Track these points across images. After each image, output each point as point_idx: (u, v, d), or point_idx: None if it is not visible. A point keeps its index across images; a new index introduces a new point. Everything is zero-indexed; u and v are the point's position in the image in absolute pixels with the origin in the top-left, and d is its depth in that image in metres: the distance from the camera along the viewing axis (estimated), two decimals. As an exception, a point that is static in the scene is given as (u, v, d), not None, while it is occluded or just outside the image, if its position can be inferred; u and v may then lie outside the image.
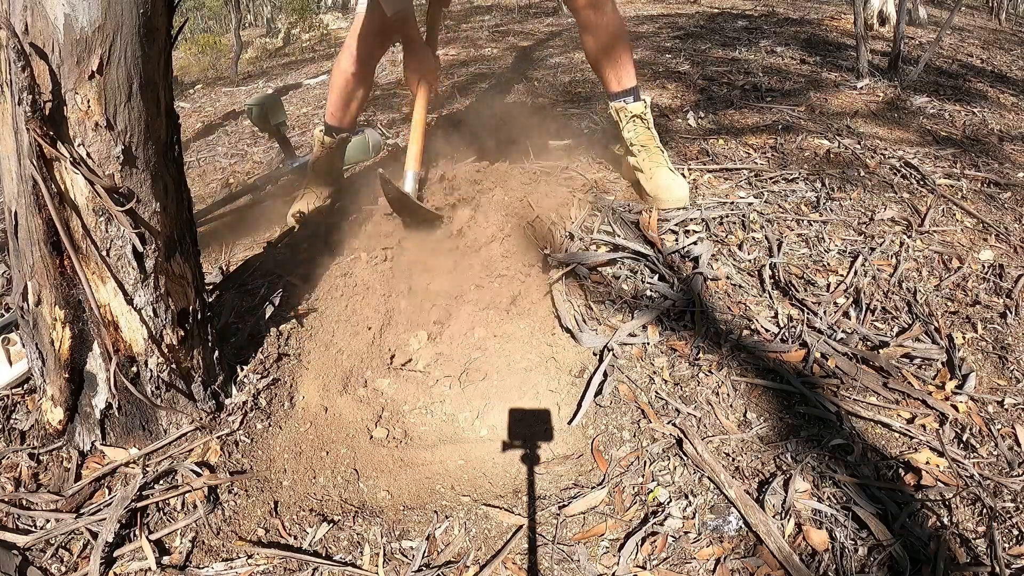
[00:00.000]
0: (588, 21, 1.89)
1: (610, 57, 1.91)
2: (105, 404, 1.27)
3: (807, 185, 2.11)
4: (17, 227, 1.14)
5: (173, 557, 1.12)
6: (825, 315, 1.53)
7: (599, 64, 1.95)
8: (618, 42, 1.90)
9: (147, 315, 1.21)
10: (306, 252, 1.87)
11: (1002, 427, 1.26)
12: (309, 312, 1.62)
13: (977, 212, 1.97)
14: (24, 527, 1.17)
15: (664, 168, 1.94)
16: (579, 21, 1.92)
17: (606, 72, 1.95)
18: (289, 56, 7.12)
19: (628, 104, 1.95)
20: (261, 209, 2.39)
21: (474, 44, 5.01)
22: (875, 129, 2.64)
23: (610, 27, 1.88)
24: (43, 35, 1.00)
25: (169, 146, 1.21)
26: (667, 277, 1.64)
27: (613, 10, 1.88)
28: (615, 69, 1.93)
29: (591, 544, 1.11)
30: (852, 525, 1.08)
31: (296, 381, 1.46)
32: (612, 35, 1.89)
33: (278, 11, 11.98)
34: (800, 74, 3.45)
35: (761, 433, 1.27)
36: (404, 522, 1.17)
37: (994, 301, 1.60)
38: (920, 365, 1.41)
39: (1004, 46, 4.73)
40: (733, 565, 1.04)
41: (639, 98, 1.96)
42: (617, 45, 1.90)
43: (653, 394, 1.37)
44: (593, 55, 1.95)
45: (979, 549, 1.04)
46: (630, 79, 1.94)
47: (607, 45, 1.89)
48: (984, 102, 3.08)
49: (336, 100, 2.15)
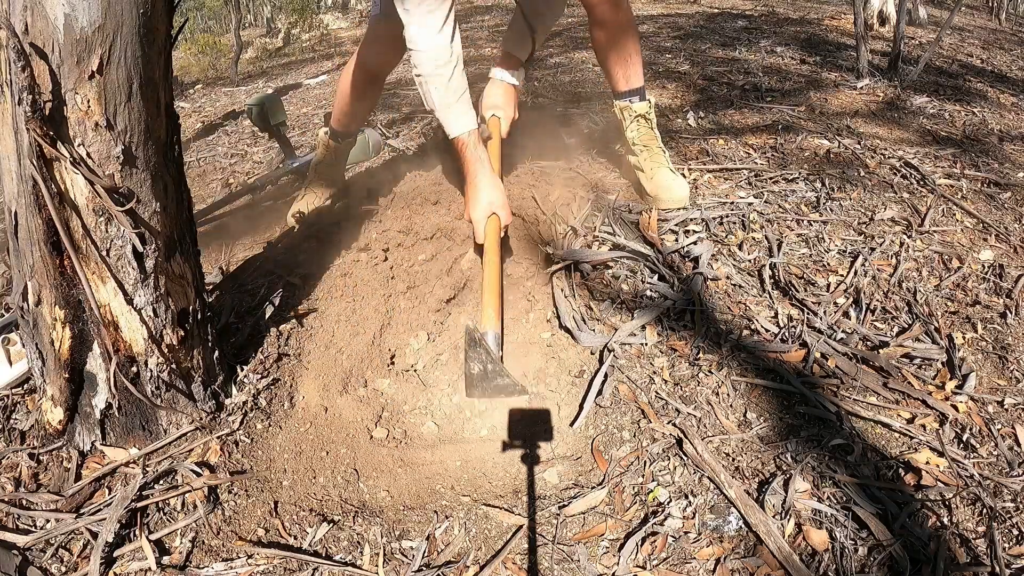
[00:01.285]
0: (604, 16, 1.83)
1: (620, 55, 1.88)
2: (105, 404, 1.27)
3: (807, 185, 2.11)
4: (17, 227, 1.14)
5: (173, 557, 1.12)
6: (825, 315, 1.53)
7: (608, 61, 1.91)
8: (629, 40, 1.87)
9: (147, 315, 1.21)
10: (306, 252, 1.87)
11: (1002, 427, 1.26)
12: (309, 312, 1.62)
13: (977, 212, 1.97)
14: (24, 527, 1.17)
15: (665, 168, 1.94)
16: (594, 16, 1.85)
17: (615, 69, 1.91)
18: (289, 56, 7.12)
19: (633, 104, 1.94)
20: (261, 209, 2.40)
21: (474, 44, 5.01)
22: (875, 129, 2.64)
23: (624, 24, 1.84)
24: (43, 35, 1.00)
25: (169, 146, 1.21)
26: (667, 277, 1.64)
27: (628, 7, 1.84)
28: (624, 67, 1.90)
29: (591, 544, 1.11)
30: (852, 525, 1.08)
31: (296, 381, 1.46)
32: (625, 32, 1.85)
33: (278, 11, 11.98)
34: (800, 74, 3.45)
35: (761, 433, 1.27)
36: (404, 522, 1.17)
37: (994, 301, 1.60)
38: (920, 365, 1.41)
39: (1004, 46, 4.73)
40: (733, 565, 1.04)
41: (644, 98, 1.95)
42: (628, 43, 1.87)
43: (653, 394, 1.37)
44: (603, 51, 1.90)
45: (979, 549, 1.04)
46: (638, 79, 1.92)
47: (619, 42, 1.86)
48: (984, 102, 3.08)
49: (342, 106, 2.09)
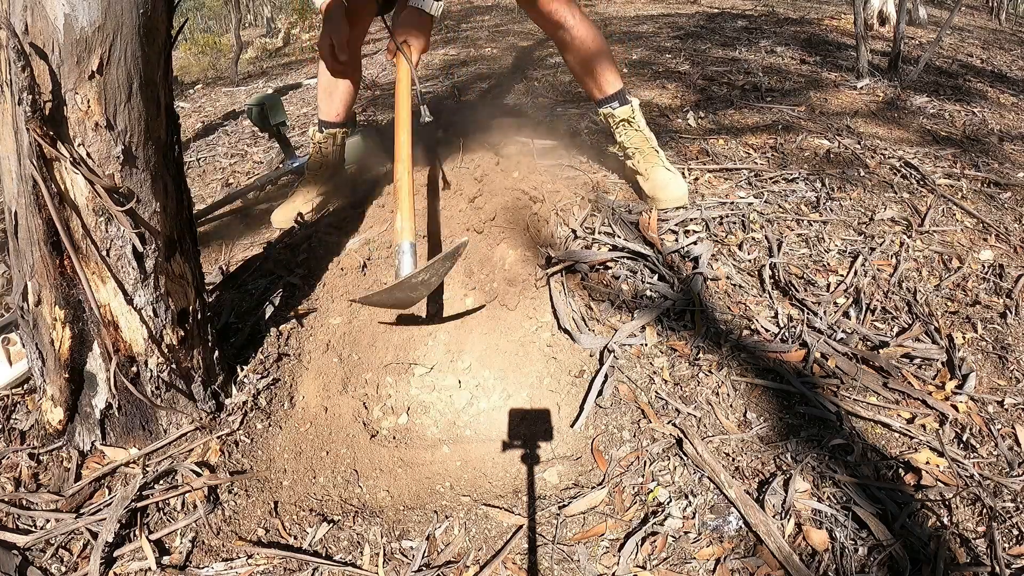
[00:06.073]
0: (558, 39, 1.92)
1: (588, 69, 1.94)
2: (105, 404, 1.27)
3: (807, 185, 2.11)
4: (17, 227, 1.14)
5: (173, 557, 1.12)
6: (825, 315, 1.53)
7: (580, 78, 1.99)
8: (596, 54, 1.92)
9: (147, 315, 1.21)
10: (306, 252, 1.87)
11: (1002, 427, 1.26)
12: (309, 312, 1.62)
13: (977, 212, 1.97)
14: (24, 527, 1.17)
15: (661, 168, 1.94)
16: (555, 42, 1.95)
17: (587, 83, 1.98)
18: (289, 56, 7.12)
19: (614, 110, 1.96)
20: (261, 209, 2.40)
21: (474, 44, 5.01)
22: (875, 129, 2.64)
23: (586, 41, 1.90)
24: (43, 35, 1.00)
25: (169, 146, 1.21)
26: (667, 277, 1.64)
27: (580, 23, 1.88)
28: (594, 79, 1.95)
29: (591, 544, 1.11)
30: (852, 525, 1.08)
31: (296, 381, 1.46)
32: (589, 48, 1.91)
33: (278, 11, 11.98)
34: (800, 74, 3.45)
35: (761, 433, 1.27)
36: (404, 522, 1.17)
37: (994, 301, 1.60)
38: (920, 365, 1.41)
39: (1004, 46, 4.73)
40: (733, 565, 1.04)
41: (625, 102, 1.96)
42: (592, 56, 1.92)
43: (653, 394, 1.37)
44: (575, 71, 1.98)
45: (979, 549, 1.04)
46: (611, 85, 1.95)
47: (585, 59, 1.92)
48: (984, 102, 3.08)
49: (321, 93, 2.16)
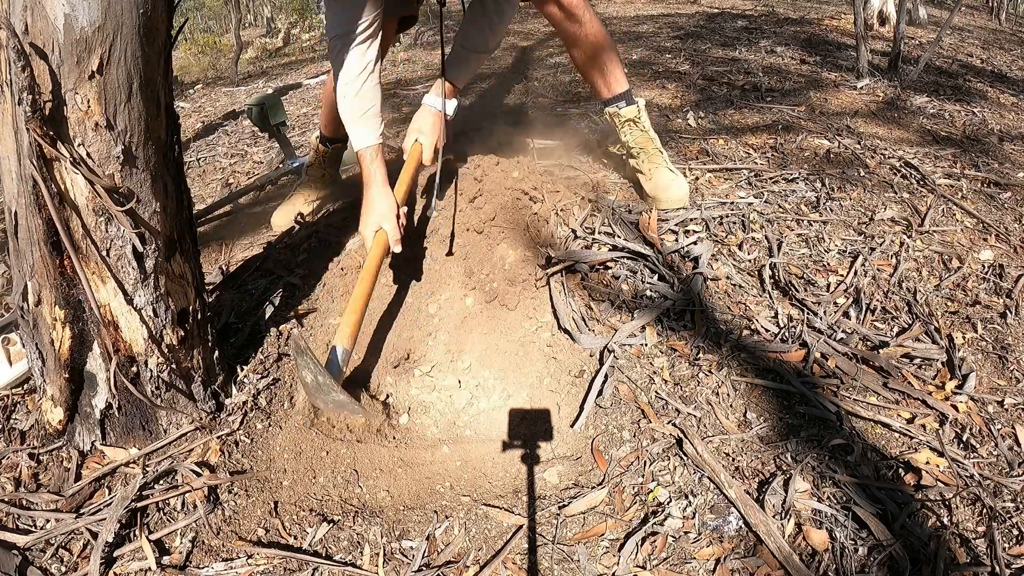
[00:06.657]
0: (569, 34, 1.91)
1: (596, 65, 1.93)
2: (105, 404, 1.27)
3: (807, 185, 2.11)
4: (17, 227, 1.14)
5: (173, 557, 1.12)
6: (825, 315, 1.53)
7: (587, 74, 1.97)
8: (603, 50, 1.92)
9: (147, 315, 1.21)
10: (306, 252, 1.87)
11: (1002, 427, 1.26)
12: (309, 312, 1.62)
13: (977, 212, 1.97)
14: (24, 527, 1.17)
15: (663, 168, 1.94)
16: (561, 36, 1.94)
17: (595, 80, 1.97)
18: (289, 56, 7.13)
19: (620, 109, 1.96)
20: (261, 209, 2.40)
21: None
22: (875, 129, 2.64)
23: (592, 36, 1.89)
24: (43, 35, 1.00)
25: (169, 146, 1.21)
26: (667, 277, 1.64)
27: (592, 19, 1.88)
28: (603, 76, 1.94)
29: (591, 544, 1.11)
30: (852, 525, 1.08)
31: (296, 381, 1.45)
32: (595, 44, 1.91)
33: (278, 11, 11.98)
34: (800, 74, 3.45)
35: (761, 433, 1.27)
36: (404, 522, 1.17)
37: (994, 301, 1.60)
38: (920, 365, 1.41)
39: (1004, 46, 4.73)
40: (733, 565, 1.04)
41: (632, 102, 1.97)
42: (602, 53, 1.92)
43: (653, 394, 1.37)
44: (580, 66, 1.97)
45: (979, 549, 1.04)
46: (619, 84, 1.95)
47: (592, 55, 1.92)
48: (984, 102, 3.08)
49: (328, 113, 2.13)
